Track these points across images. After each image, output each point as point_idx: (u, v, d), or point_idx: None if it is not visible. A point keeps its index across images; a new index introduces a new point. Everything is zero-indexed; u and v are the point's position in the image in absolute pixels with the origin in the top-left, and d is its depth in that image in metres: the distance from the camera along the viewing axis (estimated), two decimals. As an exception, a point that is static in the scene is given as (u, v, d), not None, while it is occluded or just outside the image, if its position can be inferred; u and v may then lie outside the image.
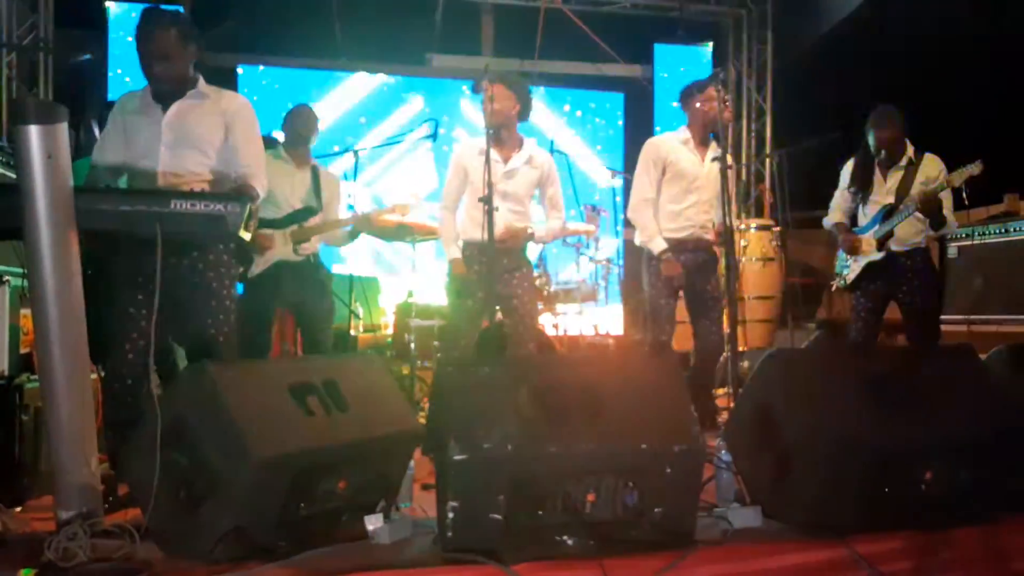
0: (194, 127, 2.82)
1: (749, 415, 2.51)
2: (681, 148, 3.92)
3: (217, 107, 2.86)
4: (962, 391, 2.44)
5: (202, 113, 2.84)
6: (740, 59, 8.18)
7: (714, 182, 3.89)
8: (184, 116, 2.82)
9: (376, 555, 2.09)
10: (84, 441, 2.21)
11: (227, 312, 2.81)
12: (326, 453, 2.17)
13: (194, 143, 2.82)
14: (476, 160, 3.69)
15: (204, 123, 2.84)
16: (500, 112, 3.65)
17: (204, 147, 2.83)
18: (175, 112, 2.81)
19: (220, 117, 2.85)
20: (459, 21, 7.75)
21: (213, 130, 2.84)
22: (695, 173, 3.89)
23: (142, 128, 2.81)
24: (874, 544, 2.18)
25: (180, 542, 2.09)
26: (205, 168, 2.84)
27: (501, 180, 3.67)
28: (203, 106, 2.85)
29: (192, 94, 2.84)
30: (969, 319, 4.08)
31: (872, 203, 4.00)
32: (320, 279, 4.05)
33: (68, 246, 2.19)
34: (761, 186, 8.02)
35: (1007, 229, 4.08)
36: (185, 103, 2.83)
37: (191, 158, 2.81)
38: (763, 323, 5.57)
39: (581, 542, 2.06)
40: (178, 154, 2.80)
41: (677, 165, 3.88)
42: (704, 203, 3.91)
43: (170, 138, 2.79)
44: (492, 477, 2.03)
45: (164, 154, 2.79)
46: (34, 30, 6.53)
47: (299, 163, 4.02)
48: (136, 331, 2.72)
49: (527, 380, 2.16)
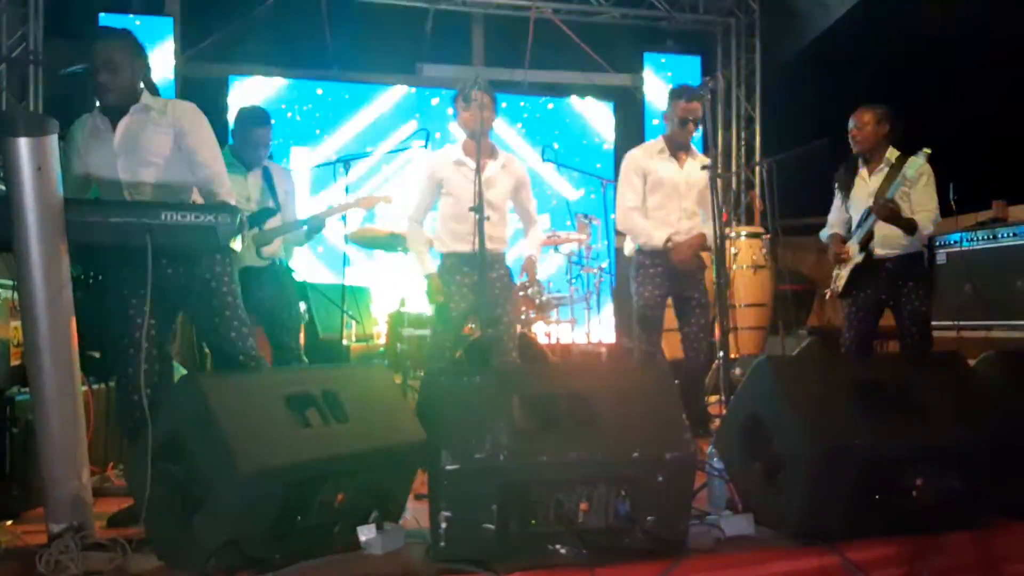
0: (143, 142, 2.81)
1: (740, 422, 2.52)
2: (658, 158, 3.97)
3: (163, 118, 2.85)
4: (951, 397, 2.45)
5: (149, 125, 2.83)
6: (729, 68, 8.24)
7: (695, 187, 3.95)
8: (132, 132, 2.81)
9: (369, 565, 2.09)
10: (75, 454, 2.22)
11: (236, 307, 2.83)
12: (322, 465, 2.15)
13: (147, 159, 2.81)
14: (452, 171, 3.70)
15: (152, 137, 2.82)
16: (485, 119, 3.66)
17: (156, 160, 2.82)
18: (123, 130, 2.81)
19: (168, 128, 2.84)
20: (449, 31, 7.78)
21: (162, 141, 2.83)
22: (674, 180, 3.93)
23: (96, 153, 2.81)
24: (866, 551, 2.19)
25: (177, 553, 2.09)
26: (158, 181, 2.83)
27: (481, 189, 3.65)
28: (148, 118, 2.83)
29: (135, 109, 2.82)
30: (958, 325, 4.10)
31: (855, 206, 4.00)
32: (287, 285, 4.01)
33: (58, 258, 2.19)
34: (751, 194, 8.06)
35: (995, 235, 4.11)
36: (131, 119, 2.82)
37: (146, 173, 2.81)
38: (754, 330, 5.59)
39: (574, 551, 2.07)
40: (133, 171, 2.80)
41: (656, 174, 3.94)
42: (686, 209, 3.95)
43: (123, 157, 2.80)
44: (484, 487, 2.03)
45: (123, 176, 2.79)
46: (24, 42, 6.53)
47: (252, 163, 3.97)
48: (147, 340, 2.72)
49: (519, 389, 2.17)
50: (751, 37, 8.17)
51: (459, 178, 3.69)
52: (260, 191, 3.96)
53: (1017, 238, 4.03)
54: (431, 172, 3.75)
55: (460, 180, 3.68)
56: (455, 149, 3.77)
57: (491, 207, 3.66)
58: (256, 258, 3.86)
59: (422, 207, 3.81)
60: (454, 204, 3.69)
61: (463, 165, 3.69)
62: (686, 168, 3.96)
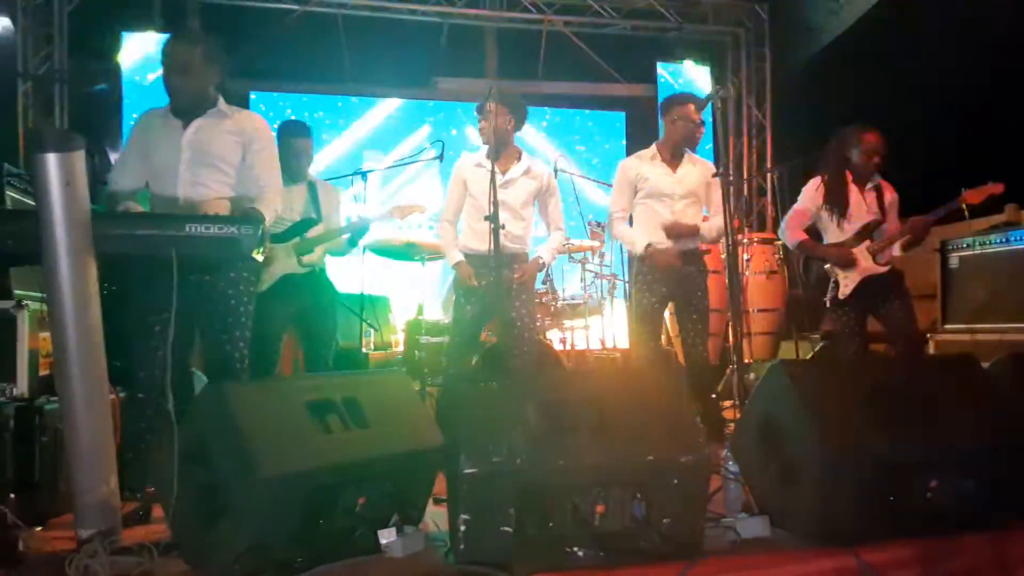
0: (213, 145, 2.87)
1: (755, 426, 2.54)
2: (650, 165, 4.02)
3: (236, 126, 2.91)
4: (966, 400, 2.47)
5: (221, 132, 2.89)
6: (739, 76, 8.27)
7: (692, 192, 3.98)
8: (203, 134, 2.87)
9: (389, 568, 2.13)
10: (103, 461, 2.26)
11: (245, 328, 2.87)
12: (343, 470, 2.19)
13: (212, 161, 2.86)
14: (474, 172, 3.87)
15: (223, 142, 2.88)
16: (499, 129, 3.79)
17: (222, 166, 2.88)
18: (194, 130, 2.86)
19: (239, 137, 2.90)
20: (464, 45, 7.87)
21: (231, 149, 2.89)
22: (667, 187, 3.97)
23: (161, 146, 2.86)
24: (881, 553, 2.20)
25: (202, 557, 2.13)
26: (224, 186, 2.88)
27: (499, 190, 3.71)
28: (222, 124, 2.89)
29: (211, 112, 2.89)
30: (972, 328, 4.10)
31: (853, 220, 4.00)
32: (326, 296, 4.08)
33: (86, 270, 2.24)
34: (763, 200, 8.07)
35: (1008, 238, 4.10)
36: (205, 121, 2.88)
37: (210, 176, 2.86)
38: (768, 335, 5.60)
39: (591, 553, 2.10)
40: (197, 172, 2.85)
41: (648, 182, 3.99)
42: (682, 213, 3.98)
43: (189, 156, 2.84)
44: (502, 490, 2.06)
45: (183, 172, 2.84)
46: (48, 60, 6.66)
47: (296, 174, 4.06)
48: (163, 348, 2.77)
49: (535, 395, 2.20)
50: (760, 46, 8.22)
51: (479, 180, 3.82)
52: (304, 202, 4.06)
53: (1030, 241, 4.03)
54: (458, 174, 3.96)
55: (480, 182, 3.81)
56: (480, 153, 3.92)
57: (508, 209, 3.78)
58: (297, 266, 3.95)
59: (454, 208, 3.99)
60: (474, 204, 3.87)
61: (482, 167, 3.82)
62: (680, 173, 4.00)
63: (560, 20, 7.68)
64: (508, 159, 3.88)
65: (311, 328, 4.05)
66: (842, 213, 4.00)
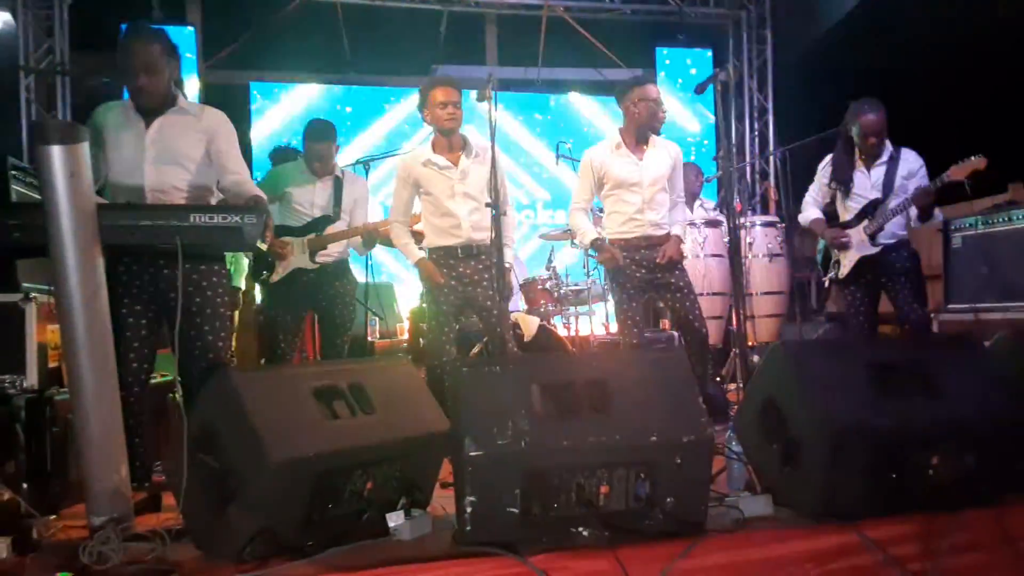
0: (177, 143, 2.87)
1: (758, 406, 2.56)
2: (613, 155, 3.90)
3: (198, 123, 2.92)
4: (966, 376, 2.48)
5: (184, 129, 2.89)
6: (741, 59, 8.25)
7: (659, 178, 3.87)
8: (166, 132, 2.87)
9: (398, 551, 2.15)
10: (114, 449, 2.29)
11: (222, 319, 2.88)
12: (350, 455, 2.22)
13: (177, 159, 2.87)
14: (424, 171, 3.71)
15: (186, 139, 2.89)
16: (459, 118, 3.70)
17: (186, 163, 2.88)
18: (157, 128, 2.86)
19: (201, 133, 2.91)
20: (463, 32, 7.86)
21: (194, 146, 2.90)
22: (633, 176, 3.87)
23: (125, 143, 2.85)
24: (884, 528, 2.22)
25: (213, 542, 2.17)
26: (186, 184, 2.89)
27: (457, 184, 3.70)
28: (184, 121, 2.90)
29: (174, 110, 2.89)
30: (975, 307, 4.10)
31: (856, 197, 4.01)
32: (340, 287, 4.11)
33: (93, 261, 2.26)
34: (765, 183, 8.06)
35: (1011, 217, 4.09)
36: (168, 119, 2.87)
37: (174, 174, 2.87)
38: (771, 318, 5.60)
39: (595, 533, 2.12)
40: (161, 170, 2.85)
41: (612, 172, 3.88)
42: (649, 201, 3.87)
43: (154, 154, 2.84)
44: (507, 472, 2.09)
45: (148, 170, 2.84)
46: (50, 54, 6.68)
47: (320, 173, 4.10)
48: (137, 340, 2.80)
49: (538, 378, 2.23)
50: (762, 29, 8.18)
51: (433, 178, 3.72)
52: (327, 198, 4.09)
53: (1033, 220, 4.03)
54: (407, 175, 3.77)
55: (434, 178, 3.71)
56: (426, 150, 3.77)
57: (470, 199, 3.69)
58: (308, 261, 4.00)
59: (403, 208, 3.84)
60: (433, 202, 3.74)
61: (432, 164, 3.71)
62: (646, 160, 3.88)
63: (560, 6, 7.65)
64: (457, 150, 3.74)
65: (328, 318, 4.13)
66: (846, 191, 4.00)
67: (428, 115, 3.72)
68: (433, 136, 3.78)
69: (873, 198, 3.96)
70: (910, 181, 3.91)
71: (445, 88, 3.68)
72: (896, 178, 3.93)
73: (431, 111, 3.69)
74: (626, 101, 3.91)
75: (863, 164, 4.01)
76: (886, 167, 3.96)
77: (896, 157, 3.95)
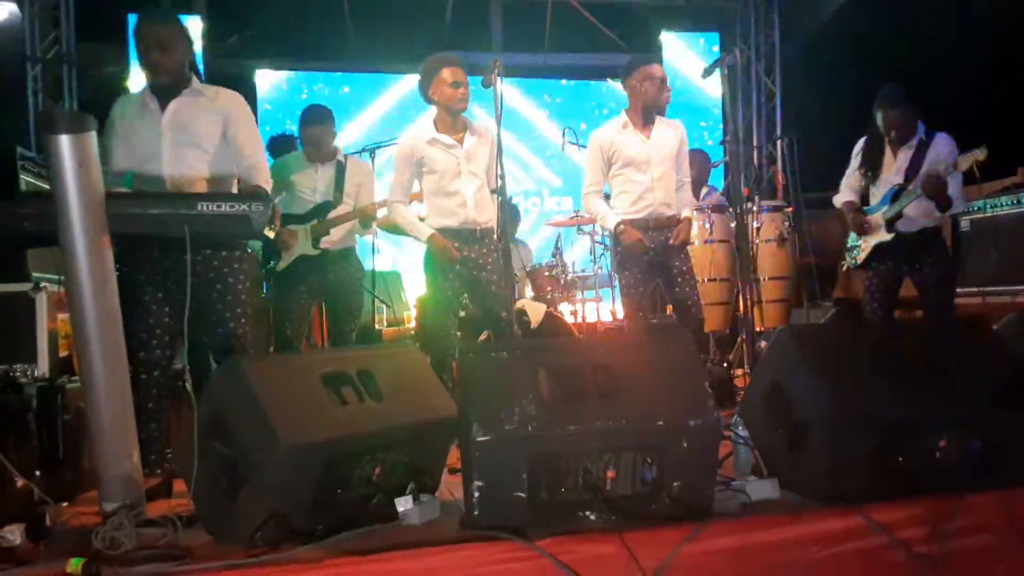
0: (193, 124, 2.88)
1: (764, 390, 2.57)
2: (621, 134, 3.91)
3: (213, 104, 2.92)
4: (973, 360, 2.48)
5: (199, 110, 2.90)
6: (748, 44, 8.19)
7: (667, 156, 3.87)
8: (182, 114, 2.88)
9: (407, 535, 2.16)
10: (125, 436, 2.31)
11: (243, 306, 2.89)
12: (359, 440, 2.24)
13: (194, 141, 2.87)
14: (428, 149, 3.63)
15: (202, 120, 2.89)
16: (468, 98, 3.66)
17: (204, 144, 2.89)
18: (173, 111, 2.87)
19: (218, 115, 2.91)
20: (469, 18, 7.83)
21: (211, 127, 2.90)
22: (642, 155, 3.86)
23: (142, 130, 2.87)
24: (890, 512, 2.22)
25: (224, 528, 2.19)
26: (206, 165, 2.89)
27: (463, 163, 3.64)
28: (200, 103, 2.90)
29: (188, 92, 2.89)
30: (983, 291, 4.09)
31: (882, 182, 3.99)
32: (345, 274, 4.12)
33: (102, 250, 2.28)
34: (773, 168, 8.03)
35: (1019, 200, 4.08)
36: (183, 100, 2.89)
37: (193, 155, 2.87)
38: (779, 303, 5.59)
39: (603, 517, 2.14)
40: (180, 153, 2.86)
41: (621, 152, 3.88)
42: (659, 180, 3.87)
43: (171, 137, 2.85)
44: (515, 457, 2.10)
45: (167, 154, 2.85)
46: (57, 44, 6.69)
47: (321, 159, 4.11)
48: (160, 327, 2.83)
49: (545, 362, 2.23)
50: (769, 12, 8.12)
51: (439, 157, 3.65)
52: (327, 183, 4.09)
53: (1041, 203, 4.01)
54: (410, 153, 3.68)
55: (439, 156, 3.64)
56: (430, 128, 3.67)
57: (477, 178, 3.66)
58: (311, 248, 4.01)
59: (405, 187, 3.74)
60: (438, 180, 3.65)
61: (438, 142, 3.64)
62: (654, 139, 3.89)
63: (566, -9, 7.61)
64: (460, 129, 3.67)
65: (335, 304, 4.15)
66: (874, 177, 3.98)
67: (435, 93, 3.64)
68: (436, 114, 3.69)
69: (897, 183, 3.92)
70: (939, 167, 3.81)
71: (454, 68, 3.64)
72: (924, 163, 3.86)
73: (439, 89, 3.63)
74: (632, 80, 3.90)
75: (892, 148, 3.98)
76: (913, 152, 3.92)
77: (927, 142, 3.89)
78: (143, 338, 2.80)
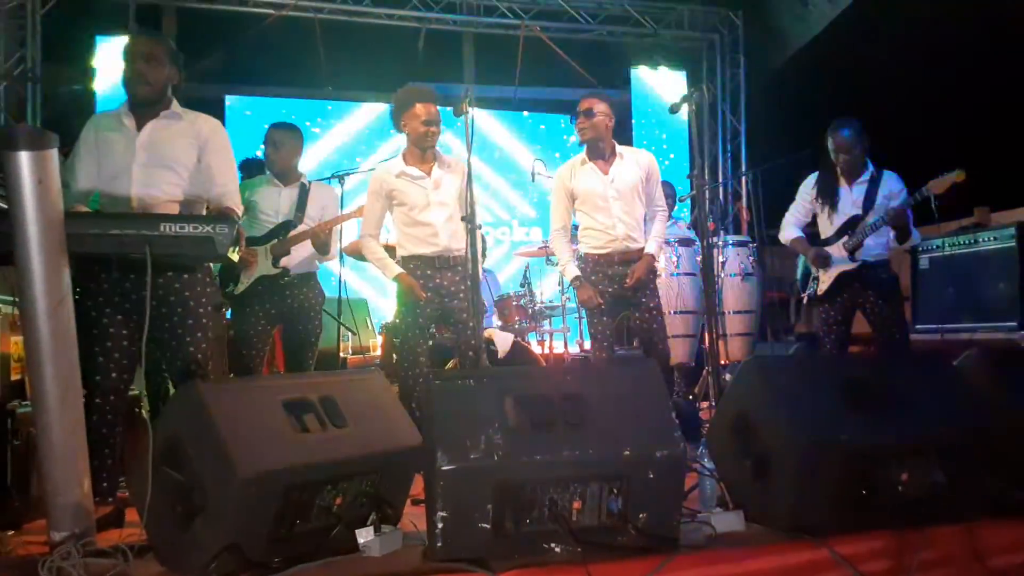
0: (168, 147, 2.86)
1: (729, 422, 2.57)
2: (581, 170, 3.93)
3: (191, 129, 2.91)
4: (935, 393, 2.51)
5: (176, 134, 2.88)
6: (714, 81, 8.37)
7: (628, 189, 3.87)
8: (158, 136, 2.86)
9: (367, 567, 2.12)
10: (76, 463, 2.23)
11: (204, 330, 2.84)
12: (320, 469, 2.18)
13: (167, 163, 2.85)
14: (398, 182, 3.73)
15: (178, 144, 2.88)
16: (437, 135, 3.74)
17: (177, 168, 2.87)
18: (149, 132, 2.85)
19: (194, 139, 2.90)
20: (441, 50, 7.90)
21: (186, 151, 2.88)
22: (600, 189, 3.88)
23: (115, 147, 2.84)
24: (854, 545, 2.23)
25: (178, 559, 2.11)
26: (178, 189, 2.87)
27: (431, 193, 3.71)
28: (177, 127, 2.89)
29: (166, 114, 2.88)
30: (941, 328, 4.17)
31: (839, 214, 4.08)
32: (304, 299, 4.05)
33: (59, 270, 2.22)
34: (738, 204, 8.16)
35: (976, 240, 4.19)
36: (160, 122, 2.87)
37: (164, 178, 2.84)
38: (743, 337, 5.65)
39: (568, 549, 2.10)
40: (151, 174, 2.83)
41: (580, 187, 3.91)
42: (620, 214, 3.87)
43: (144, 158, 2.83)
44: (480, 486, 2.07)
45: (137, 173, 2.82)
46: (22, 63, 6.62)
47: (285, 181, 4.08)
48: (117, 351, 2.76)
49: (512, 391, 2.21)
50: (735, 52, 8.32)
51: (408, 189, 3.73)
52: (291, 205, 4.06)
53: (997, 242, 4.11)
54: (380, 188, 3.77)
55: (408, 188, 3.73)
56: (396, 162, 3.79)
57: (445, 208, 3.71)
58: (270, 267, 3.97)
59: (376, 222, 3.83)
60: (408, 211, 3.74)
61: (405, 175, 3.73)
62: (612, 173, 3.89)
63: (537, 25, 7.73)
64: (428, 160, 3.77)
65: (292, 331, 4.07)
66: (832, 207, 4.07)
67: (406, 126, 3.74)
68: (406, 148, 3.79)
69: (853, 214, 4.02)
70: (891, 201, 3.97)
71: (427, 104, 3.71)
72: (877, 196, 4.01)
73: (410, 123, 3.72)
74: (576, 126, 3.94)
75: (845, 182, 4.07)
76: (867, 186, 4.04)
77: (878, 178, 4.04)
78: (99, 362, 2.74)
